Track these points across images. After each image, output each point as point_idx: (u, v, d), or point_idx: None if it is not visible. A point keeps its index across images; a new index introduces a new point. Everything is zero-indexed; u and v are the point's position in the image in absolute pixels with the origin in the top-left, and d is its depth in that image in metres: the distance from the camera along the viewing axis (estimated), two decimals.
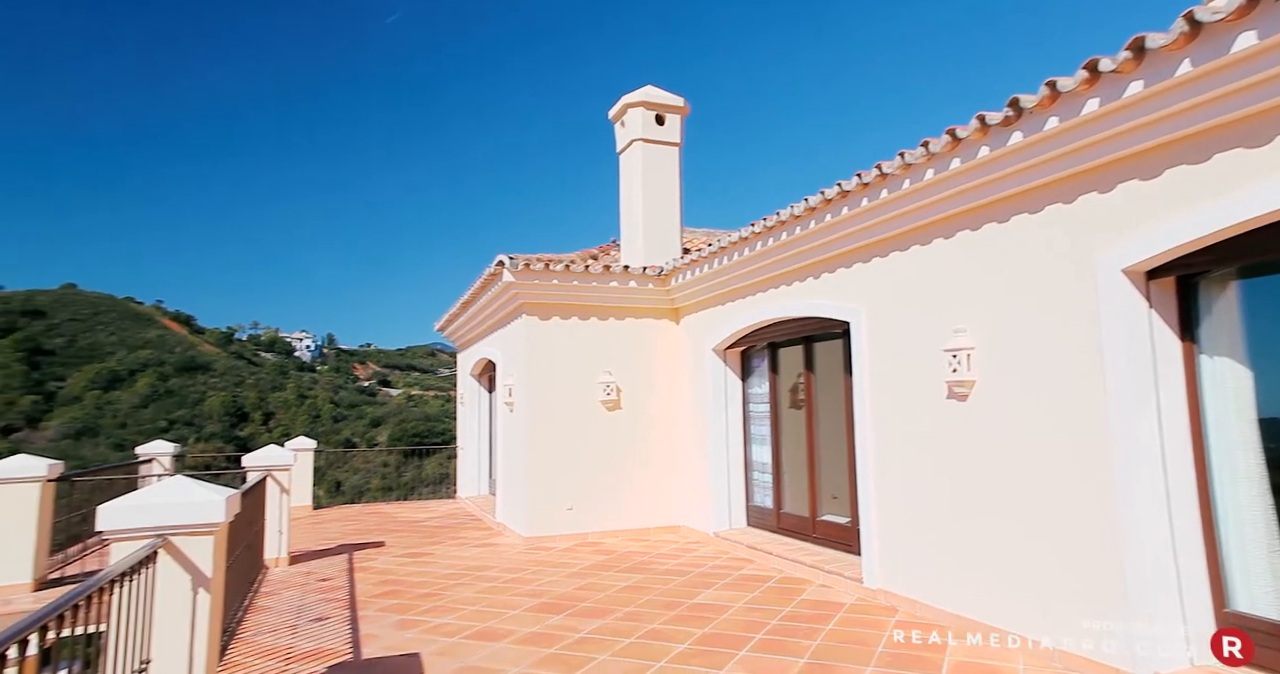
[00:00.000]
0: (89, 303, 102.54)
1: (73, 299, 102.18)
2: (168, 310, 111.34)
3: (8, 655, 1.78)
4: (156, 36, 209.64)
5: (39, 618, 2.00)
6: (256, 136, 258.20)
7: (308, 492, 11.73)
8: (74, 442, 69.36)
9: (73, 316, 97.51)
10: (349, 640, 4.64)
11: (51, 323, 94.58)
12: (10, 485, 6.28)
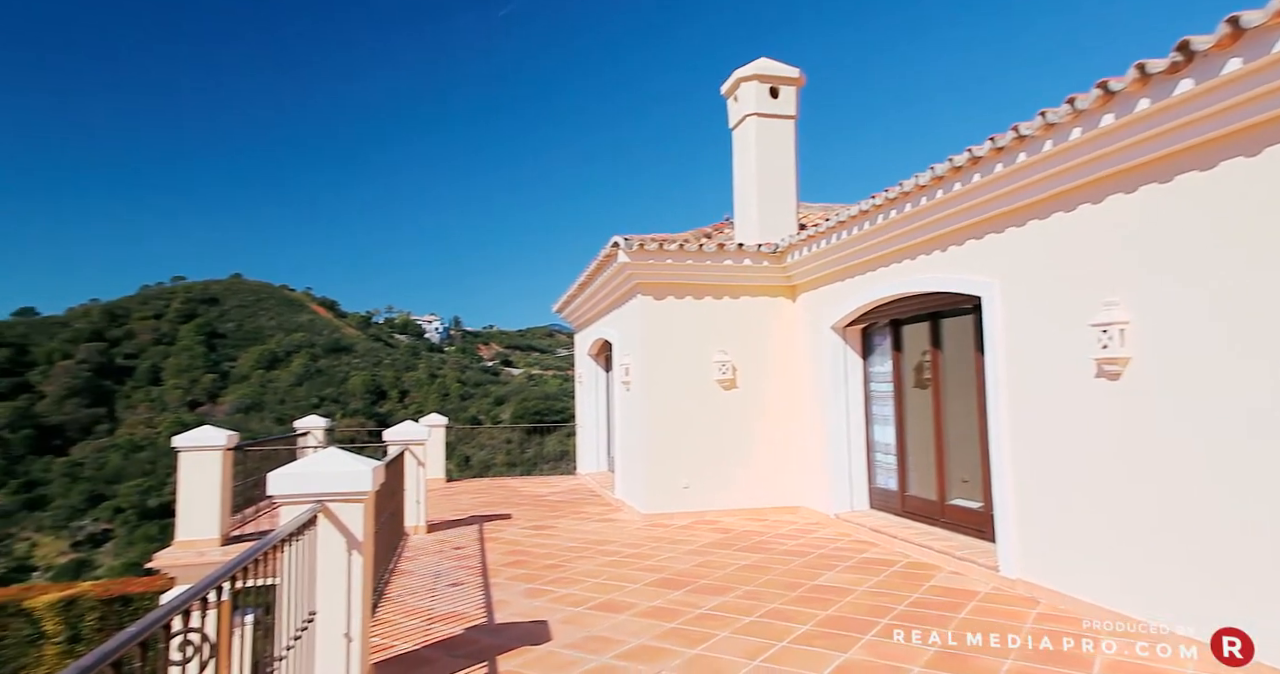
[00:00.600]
0: (252, 291, 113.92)
1: (239, 287, 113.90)
2: (316, 296, 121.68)
3: (208, 598, 2.06)
4: (299, 59, 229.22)
5: (229, 569, 2.27)
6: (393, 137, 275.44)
7: (441, 465, 12.54)
8: (244, 416, 77.67)
9: (240, 303, 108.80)
10: (482, 605, 4.94)
11: (223, 309, 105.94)
12: (200, 453, 7.13)
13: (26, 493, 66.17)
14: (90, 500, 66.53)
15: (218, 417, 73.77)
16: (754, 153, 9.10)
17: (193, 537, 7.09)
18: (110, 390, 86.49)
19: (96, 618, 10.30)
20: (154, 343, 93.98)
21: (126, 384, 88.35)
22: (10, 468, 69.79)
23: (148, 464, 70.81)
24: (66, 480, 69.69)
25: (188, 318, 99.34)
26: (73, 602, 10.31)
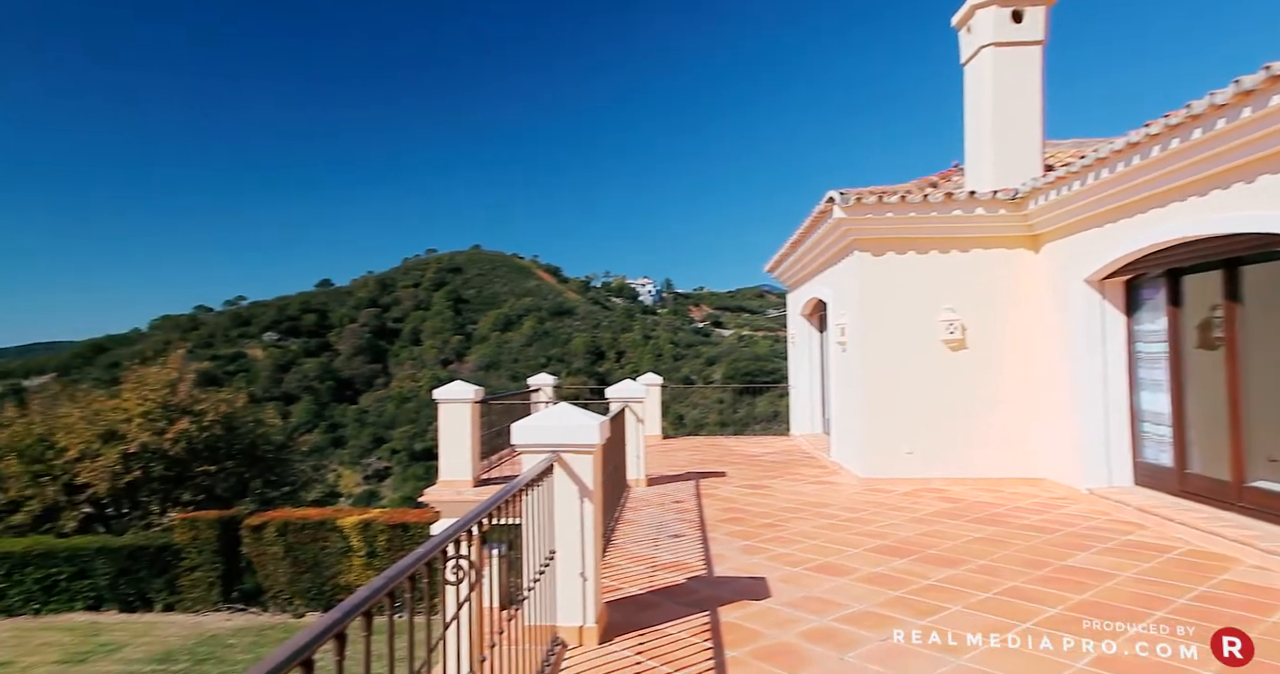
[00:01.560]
0: (489, 260, 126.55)
1: (479, 257, 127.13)
2: (541, 263, 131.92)
3: (471, 531, 2.37)
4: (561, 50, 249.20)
5: (485, 508, 2.58)
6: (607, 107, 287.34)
7: (658, 423, 13.12)
8: (485, 373, 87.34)
9: (479, 271, 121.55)
10: (702, 558, 5.13)
11: (466, 277, 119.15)
12: (454, 404, 8.16)
13: (332, 433, 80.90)
14: (375, 442, 79.77)
15: (464, 373, 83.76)
16: (990, 88, 8.09)
17: (451, 477, 8.18)
18: (384, 349, 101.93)
19: (386, 539, 12.39)
20: (414, 308, 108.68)
21: (395, 344, 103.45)
22: (320, 412, 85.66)
23: (413, 413, 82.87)
24: (358, 425, 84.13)
25: (439, 285, 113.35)
26: (369, 524, 12.49)
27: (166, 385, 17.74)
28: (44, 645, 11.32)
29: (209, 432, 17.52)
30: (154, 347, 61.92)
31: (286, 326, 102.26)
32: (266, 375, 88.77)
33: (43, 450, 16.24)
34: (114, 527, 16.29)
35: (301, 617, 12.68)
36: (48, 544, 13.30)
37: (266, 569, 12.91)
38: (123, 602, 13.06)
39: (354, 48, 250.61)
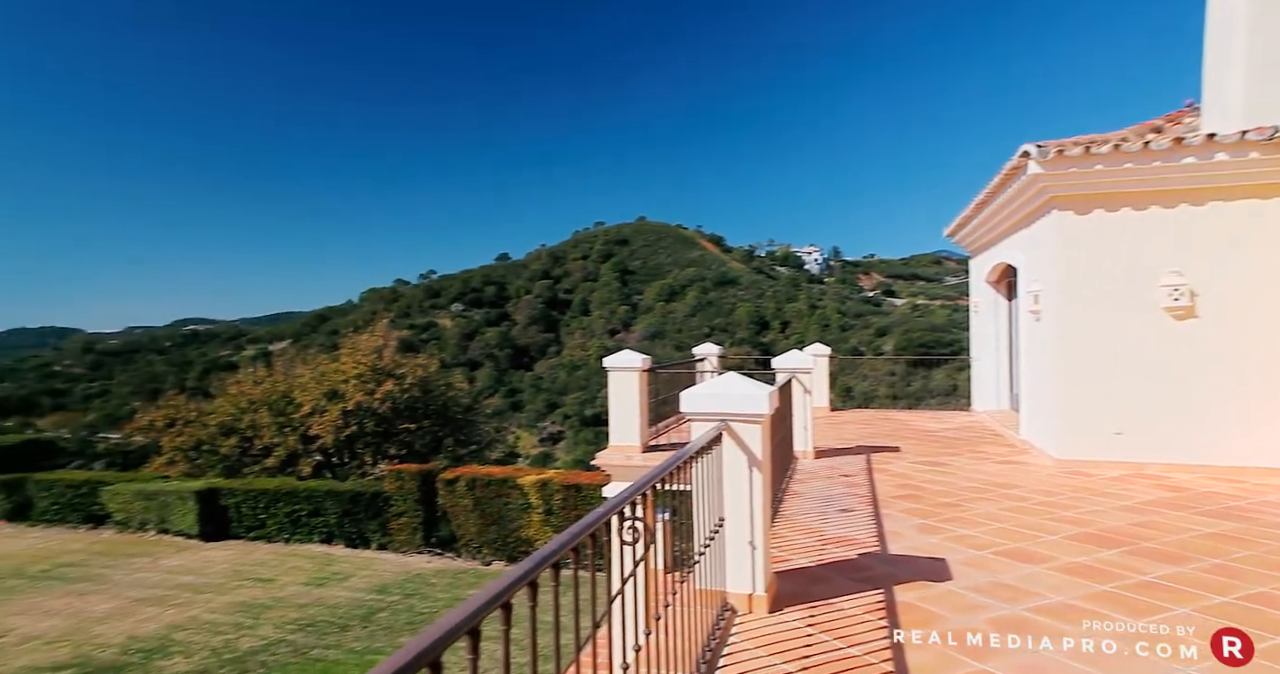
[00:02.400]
0: (654, 231, 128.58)
1: (644, 229, 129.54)
2: (705, 233, 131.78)
3: (646, 494, 2.45)
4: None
5: (658, 473, 2.65)
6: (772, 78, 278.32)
7: (825, 394, 12.73)
8: (650, 342, 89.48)
9: (644, 243, 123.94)
10: (874, 534, 4.94)
11: (632, 249, 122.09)
12: (623, 372, 8.44)
13: (511, 398, 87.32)
14: (549, 407, 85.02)
15: (630, 343, 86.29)
16: (1244, 9, 6.79)
17: (621, 443, 8.50)
18: (556, 319, 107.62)
19: (561, 498, 13.23)
20: (583, 280, 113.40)
21: (566, 314, 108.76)
22: (500, 378, 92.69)
23: (583, 380, 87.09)
24: (533, 390, 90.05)
25: (606, 257, 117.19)
26: (545, 483, 13.39)
27: (374, 351, 20.02)
28: (294, 568, 13.45)
29: (409, 393, 19.58)
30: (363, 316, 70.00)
31: (470, 298, 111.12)
32: (454, 343, 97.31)
33: (285, 405, 19.06)
34: (338, 474, 18.84)
35: (489, 564, 13.94)
36: (291, 485, 15.67)
37: (458, 520, 14.30)
38: (348, 538, 15.13)
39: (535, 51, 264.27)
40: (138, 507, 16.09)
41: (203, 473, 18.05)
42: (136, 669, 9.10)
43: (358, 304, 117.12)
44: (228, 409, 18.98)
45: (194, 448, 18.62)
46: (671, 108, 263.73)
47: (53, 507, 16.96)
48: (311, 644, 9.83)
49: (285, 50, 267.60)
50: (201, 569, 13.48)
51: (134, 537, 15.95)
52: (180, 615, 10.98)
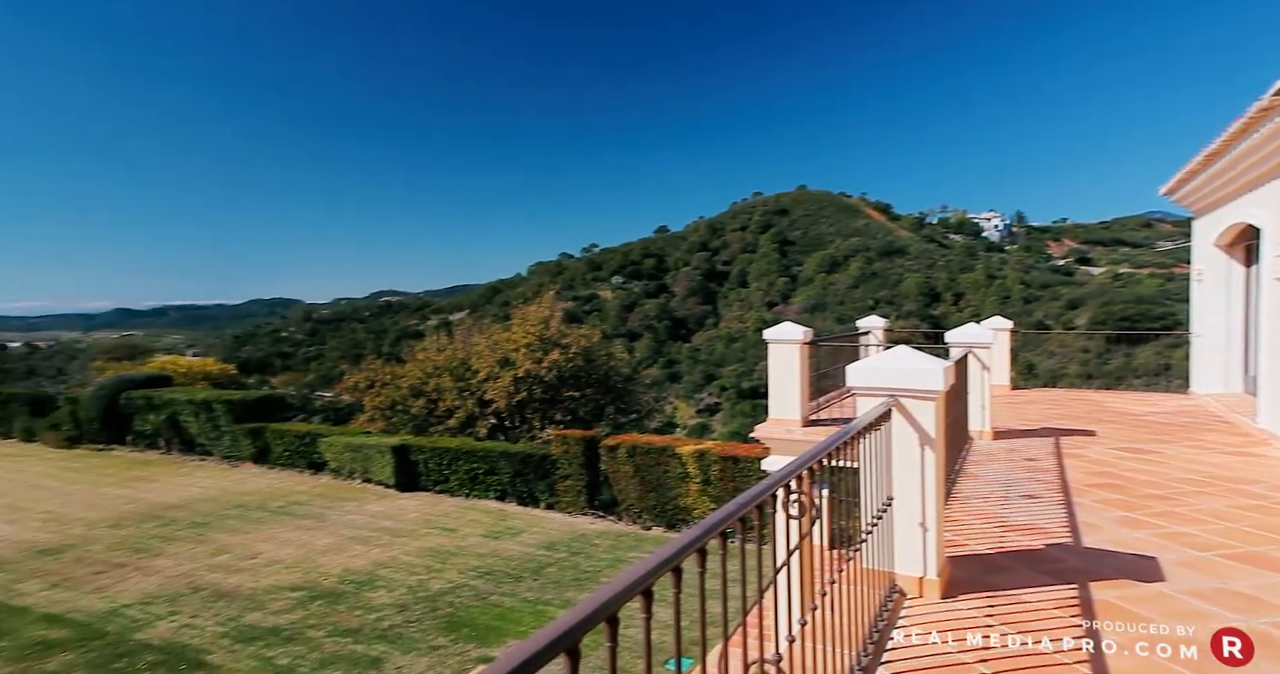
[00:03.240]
0: (814, 200, 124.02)
1: (804, 198, 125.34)
2: (870, 201, 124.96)
3: (812, 468, 2.39)
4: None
5: (824, 448, 2.58)
6: None
7: (1005, 371, 11.70)
8: (810, 315, 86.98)
9: (805, 212, 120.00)
10: (1065, 524, 4.50)
11: (792, 219, 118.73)
12: (783, 345, 8.28)
13: (669, 368, 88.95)
14: (706, 378, 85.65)
15: (789, 315, 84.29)
16: None
17: (781, 416, 8.37)
18: (714, 291, 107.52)
19: (718, 469, 13.34)
20: (741, 251, 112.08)
21: (724, 286, 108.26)
22: (659, 349, 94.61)
23: (741, 353, 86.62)
24: (691, 362, 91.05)
25: (765, 228, 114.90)
26: (703, 454, 13.55)
27: (541, 322, 21.18)
28: (473, 521, 14.77)
29: (573, 362, 20.55)
30: (531, 288, 74.07)
31: (630, 270, 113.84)
32: (615, 314, 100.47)
33: (463, 371, 20.77)
34: (510, 436, 20.29)
35: (648, 529, 14.43)
36: (470, 445, 17.12)
37: (619, 485, 14.89)
38: (519, 496, 16.31)
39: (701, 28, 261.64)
40: (346, 457, 18.36)
41: (397, 430, 20.21)
42: (351, 597, 10.48)
43: (526, 277, 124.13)
44: (416, 373, 21.03)
45: (389, 407, 20.87)
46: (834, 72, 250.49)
47: (285, 453, 19.83)
48: (490, 590, 10.76)
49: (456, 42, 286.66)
50: (397, 515, 15.17)
51: (344, 483, 18.25)
52: (383, 555, 12.45)
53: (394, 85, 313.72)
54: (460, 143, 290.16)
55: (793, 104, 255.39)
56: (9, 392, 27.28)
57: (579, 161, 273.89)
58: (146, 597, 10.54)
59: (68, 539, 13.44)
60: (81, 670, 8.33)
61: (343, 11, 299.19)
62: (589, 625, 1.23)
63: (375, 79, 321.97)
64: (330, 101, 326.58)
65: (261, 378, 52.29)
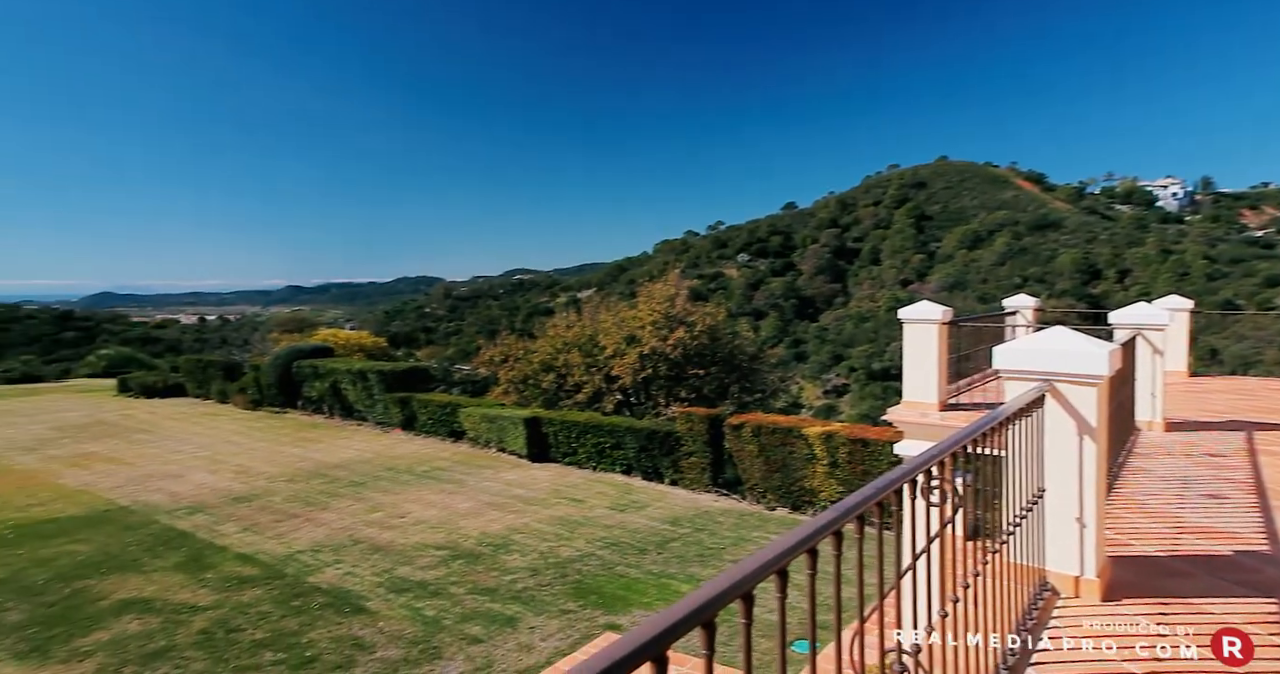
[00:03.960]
0: (957, 171, 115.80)
1: (944, 169, 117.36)
2: (1020, 171, 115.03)
3: (956, 454, 2.25)
4: None
5: (969, 433, 2.42)
6: None
7: (1182, 356, 10.48)
8: (948, 294, 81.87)
9: (945, 185, 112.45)
10: (1262, 530, 3.98)
11: (930, 192, 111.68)
12: (920, 325, 7.85)
13: (795, 348, 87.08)
14: (834, 359, 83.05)
15: (925, 294, 79.87)
16: None
17: (916, 399, 7.96)
18: (843, 269, 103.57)
19: (846, 452, 12.94)
20: (874, 227, 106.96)
21: (854, 264, 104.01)
22: (784, 328, 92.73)
23: (871, 333, 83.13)
24: (818, 341, 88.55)
25: (900, 203, 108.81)
26: (831, 436, 13.20)
27: (667, 299, 21.33)
28: (599, 493, 15.28)
29: (698, 340, 20.58)
30: (657, 266, 74.68)
31: (756, 248, 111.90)
32: (740, 293, 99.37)
33: (591, 347, 21.39)
34: (636, 412, 20.70)
35: (772, 510, 14.29)
36: (597, 420, 17.66)
37: (744, 464, 14.82)
38: (644, 471, 16.66)
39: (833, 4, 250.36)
40: (483, 427, 19.51)
41: (529, 403, 21.19)
42: (488, 559, 11.20)
43: (652, 255, 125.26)
44: (546, 349, 21.89)
45: (521, 381, 21.90)
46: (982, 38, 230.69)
47: (428, 421, 21.39)
48: (616, 561, 11.11)
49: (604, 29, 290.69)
50: (529, 484, 15.96)
51: (481, 451, 19.43)
52: (516, 521, 13.18)
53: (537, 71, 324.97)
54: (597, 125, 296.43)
55: (938, 73, 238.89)
56: (208, 359, 31.18)
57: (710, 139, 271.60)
58: (316, 545, 11.78)
59: (254, 490, 15.26)
60: (268, 604, 9.48)
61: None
62: (724, 600, 1.23)
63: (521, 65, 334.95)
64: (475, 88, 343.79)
65: (408, 350, 56.57)
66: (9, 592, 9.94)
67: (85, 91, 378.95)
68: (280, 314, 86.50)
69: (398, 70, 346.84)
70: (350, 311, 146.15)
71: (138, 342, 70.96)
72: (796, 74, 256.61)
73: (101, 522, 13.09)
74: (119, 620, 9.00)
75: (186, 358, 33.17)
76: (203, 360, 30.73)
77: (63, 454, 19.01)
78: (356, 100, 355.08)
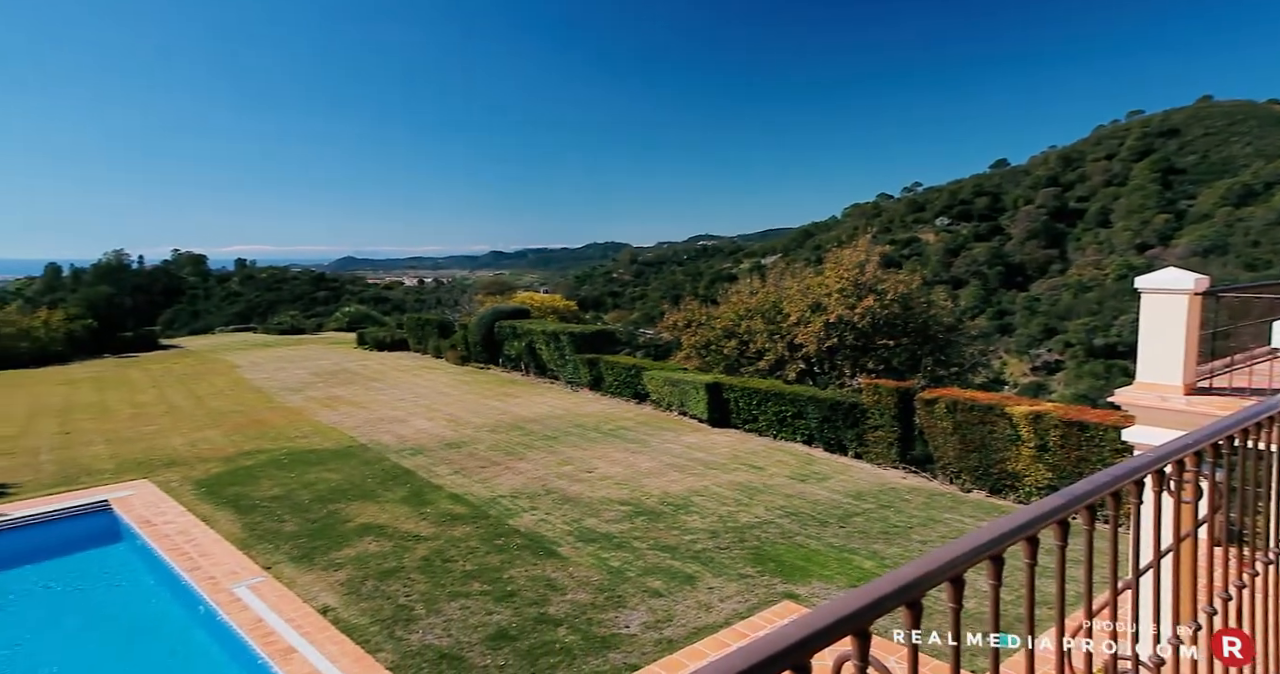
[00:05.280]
0: (1223, 113, 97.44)
1: (1206, 112, 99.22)
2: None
3: (1218, 445, 1.93)
4: None
5: (1236, 422, 2.06)
6: None
7: None
8: (1201, 259, 69.81)
9: (1205, 131, 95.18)
10: None
11: (1185, 140, 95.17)
12: (1166, 295, 6.79)
13: (998, 320, 79.46)
14: (1045, 332, 74.62)
15: (1168, 260, 68.79)
16: None
17: (1154, 380, 6.93)
18: (1062, 233, 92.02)
19: (1059, 435, 11.66)
20: (1104, 184, 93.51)
21: (1077, 227, 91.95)
22: (987, 298, 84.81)
23: (1094, 304, 73.36)
24: (1027, 313, 79.97)
25: (1141, 155, 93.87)
26: (1040, 416, 11.94)
27: (856, 266, 20.31)
28: (779, 462, 15.18)
29: (889, 309, 19.43)
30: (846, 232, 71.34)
31: (958, 211, 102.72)
32: (937, 259, 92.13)
33: (774, 314, 21.04)
34: (819, 382, 20.14)
35: (967, 491, 13.31)
36: (779, 388, 17.43)
37: (936, 441, 13.89)
38: (826, 442, 16.23)
39: None
40: (665, 390, 20.07)
41: (710, 369, 21.40)
42: (669, 518, 11.62)
43: (840, 220, 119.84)
44: (729, 315, 21.87)
45: (704, 346, 22.13)
46: None
47: (614, 382, 22.43)
48: (795, 531, 11.01)
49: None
50: (709, 449, 16.22)
51: (663, 414, 20.03)
52: (696, 483, 13.50)
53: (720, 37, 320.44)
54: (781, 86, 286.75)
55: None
56: (425, 317, 35.04)
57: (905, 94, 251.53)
58: (514, 491, 12.94)
59: (462, 437, 17.05)
60: (475, 540, 10.63)
61: None
62: (932, 581, 1.17)
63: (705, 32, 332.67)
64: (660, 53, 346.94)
65: (596, 314, 59.46)
66: (285, 507, 12.05)
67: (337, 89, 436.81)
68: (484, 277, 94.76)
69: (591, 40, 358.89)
70: (545, 276, 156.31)
71: (371, 301, 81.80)
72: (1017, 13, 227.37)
73: (346, 455, 15.37)
74: (361, 540, 10.58)
75: (409, 316, 37.48)
76: (421, 318, 34.54)
77: (318, 396, 22.48)
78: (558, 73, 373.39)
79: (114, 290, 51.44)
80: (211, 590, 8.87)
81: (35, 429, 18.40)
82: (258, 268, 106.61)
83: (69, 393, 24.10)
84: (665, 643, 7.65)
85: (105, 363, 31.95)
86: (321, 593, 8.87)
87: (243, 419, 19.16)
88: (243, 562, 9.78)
